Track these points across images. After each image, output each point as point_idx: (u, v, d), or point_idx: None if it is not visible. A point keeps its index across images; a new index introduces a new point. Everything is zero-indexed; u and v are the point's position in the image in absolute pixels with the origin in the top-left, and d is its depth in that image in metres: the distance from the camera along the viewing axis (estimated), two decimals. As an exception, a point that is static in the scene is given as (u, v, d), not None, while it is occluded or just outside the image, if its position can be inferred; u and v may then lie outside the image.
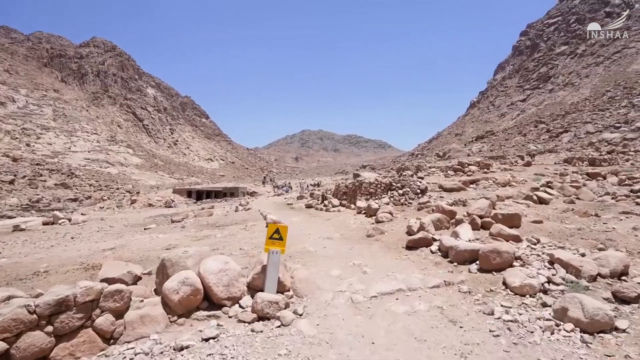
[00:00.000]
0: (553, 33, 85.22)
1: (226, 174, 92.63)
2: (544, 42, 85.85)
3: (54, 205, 23.29)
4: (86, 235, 10.61)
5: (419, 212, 8.83)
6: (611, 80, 58.11)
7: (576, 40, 77.81)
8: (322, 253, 6.49)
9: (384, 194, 11.38)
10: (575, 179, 10.98)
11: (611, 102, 47.65)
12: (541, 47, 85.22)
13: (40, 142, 62.00)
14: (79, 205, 24.70)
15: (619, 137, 24.97)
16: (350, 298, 4.41)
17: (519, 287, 4.20)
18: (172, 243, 7.84)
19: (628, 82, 52.25)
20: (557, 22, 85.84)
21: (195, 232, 9.58)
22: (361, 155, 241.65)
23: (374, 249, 6.62)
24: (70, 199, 26.61)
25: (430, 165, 18.69)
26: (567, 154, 20.51)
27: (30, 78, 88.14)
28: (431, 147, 74.43)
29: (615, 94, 50.03)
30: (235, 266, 4.55)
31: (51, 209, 21.56)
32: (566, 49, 78.68)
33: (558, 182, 10.11)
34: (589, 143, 26.62)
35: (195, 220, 12.23)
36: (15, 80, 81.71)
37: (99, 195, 29.23)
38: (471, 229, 6.46)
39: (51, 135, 67.13)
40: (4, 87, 75.33)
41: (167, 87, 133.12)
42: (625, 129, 33.02)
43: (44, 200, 24.33)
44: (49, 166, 43.22)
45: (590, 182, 10.26)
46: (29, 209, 21.54)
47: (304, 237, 7.98)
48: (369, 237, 7.52)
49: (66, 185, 33.03)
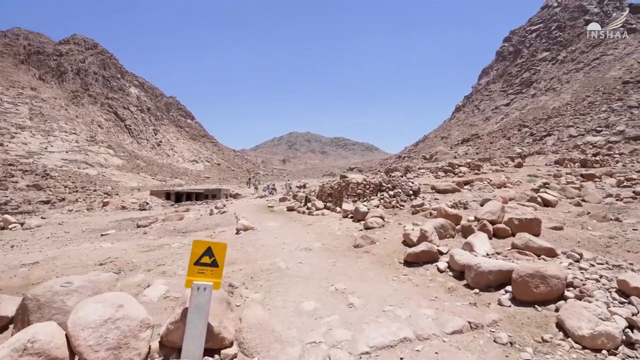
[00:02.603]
0: (535, 39, 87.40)
1: (212, 175, 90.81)
2: (526, 48, 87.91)
3: (23, 208, 21.86)
4: (32, 242, 9.47)
5: (414, 217, 7.93)
6: (591, 86, 59.72)
7: (557, 47, 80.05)
8: (295, 271, 5.15)
9: (373, 195, 10.71)
10: (570, 180, 10.72)
11: (591, 107, 48.83)
12: (524, 53, 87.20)
13: (14, 142, 59.19)
14: (50, 207, 23.29)
15: (603, 140, 25.30)
16: (328, 358, 2.87)
17: (590, 338, 2.80)
18: (114, 255, 6.66)
19: (607, 88, 53.71)
20: (538, 29, 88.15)
21: (152, 240, 8.44)
22: (348, 157, 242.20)
23: (363, 265, 5.35)
24: (42, 201, 25.11)
25: (419, 166, 18.30)
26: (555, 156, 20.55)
27: (6, 75, 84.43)
28: (418, 150, 74.85)
29: (595, 99, 51.32)
30: (137, 311, 2.81)
31: (20, 211, 20.20)
32: (548, 55, 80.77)
33: (555, 184, 9.81)
34: (574, 145, 26.93)
35: (162, 225, 11.22)
36: (-11, 78, 78.14)
37: (74, 198, 27.74)
38: (488, 239, 5.29)
39: (27, 134, 64.24)
40: (-24, 84, 71.89)
41: (151, 87, 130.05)
42: (607, 132, 33.70)
43: (13, 203, 22.83)
44: (23, 167, 41.09)
45: (587, 183, 10.00)
46: (-5, 211, 20.09)
47: (277, 248, 6.71)
48: (357, 248, 6.32)
49: (39, 186, 31.30)
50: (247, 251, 6.56)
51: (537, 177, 11.82)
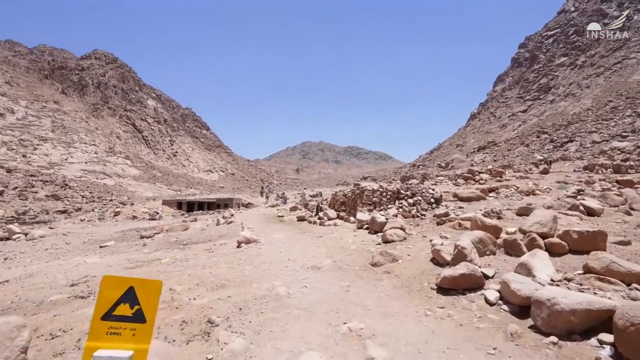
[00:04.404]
0: (552, 45, 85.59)
1: (226, 185, 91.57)
2: (543, 54, 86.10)
3: (40, 218, 22.21)
4: (28, 254, 9.07)
5: (440, 228, 7.02)
6: (613, 91, 57.80)
7: (575, 52, 78.10)
8: (297, 300, 4.16)
9: (390, 203, 10.13)
10: (605, 187, 9.94)
11: (614, 112, 47.14)
12: (540, 59, 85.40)
13: (36, 153, 61.17)
14: (66, 217, 23.59)
15: (631, 146, 24.05)
16: None
17: None
18: (93, 273, 6.04)
19: (630, 92, 51.83)
20: (555, 34, 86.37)
21: (145, 254, 7.89)
22: (362, 166, 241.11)
23: (384, 290, 4.35)
24: (60, 210, 25.50)
25: (437, 173, 17.64)
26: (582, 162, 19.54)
27: (31, 90, 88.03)
28: (432, 158, 73.64)
29: (618, 104, 49.55)
30: None
31: (37, 221, 20.49)
32: (566, 60, 78.82)
33: (590, 191, 9.06)
34: (600, 151, 25.71)
35: (165, 236, 10.81)
36: (15, 92, 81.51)
37: (90, 207, 28.12)
38: (549, 259, 4.21)
39: (48, 146, 66.36)
40: (4, 99, 75.03)
41: (168, 99, 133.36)
42: (634, 137, 32.20)
43: (31, 213, 23.25)
44: (43, 177, 42.21)
45: (625, 190, 9.20)
46: (14, 221, 20.42)
47: (280, 266, 5.81)
48: (375, 267, 5.32)
49: (57, 196, 31.94)
50: (243, 270, 5.76)
51: (568, 184, 11.07)
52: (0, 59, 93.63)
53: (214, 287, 4.83)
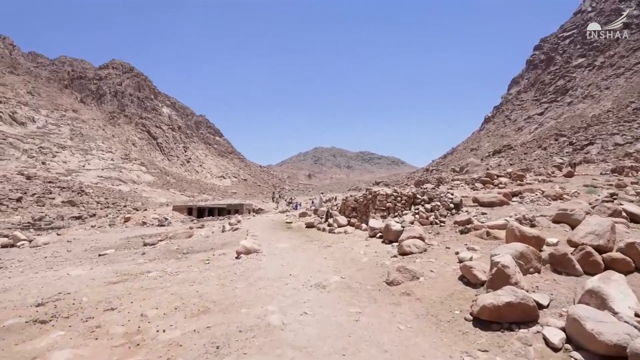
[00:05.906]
0: (568, 46, 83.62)
1: (238, 191, 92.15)
2: (559, 55, 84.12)
3: (56, 224, 22.57)
4: (25, 263, 8.68)
5: (464, 237, 6.18)
6: (634, 91, 55.80)
7: (594, 52, 75.99)
8: (293, 335, 3.32)
9: (405, 209, 9.53)
10: (639, 190, 9.27)
11: (637, 113, 45.45)
12: (557, 60, 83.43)
13: (55, 161, 62.80)
14: (81, 223, 23.90)
15: (658, 148, 22.93)
16: None
17: None
18: (69, 290, 5.42)
19: (654, 93, 49.95)
20: (572, 35, 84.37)
21: (137, 265, 7.40)
22: (374, 172, 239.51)
23: (404, 321, 3.47)
24: (75, 216, 25.90)
25: (453, 177, 17.06)
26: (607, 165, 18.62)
27: (51, 99, 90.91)
28: (446, 163, 72.38)
29: (640, 105, 47.77)
30: None
31: (52, 227, 20.80)
32: (583, 61, 76.76)
33: (625, 194, 8.44)
34: (624, 154, 24.59)
35: (167, 244, 10.43)
36: (36, 102, 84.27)
37: (104, 213, 28.50)
38: (626, 283, 3.22)
39: (67, 153, 68.12)
40: (25, 108, 77.61)
41: (182, 107, 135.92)
42: (659, 139, 30.82)
43: (47, 218, 23.67)
44: (61, 184, 43.17)
45: (663, 193, 8.54)
46: (30, 227, 20.78)
47: (278, 284, 5.05)
48: (392, 286, 4.49)
49: (73, 202, 32.53)
50: (234, 289, 4.93)
51: (597, 188, 10.41)
52: (23, 70, 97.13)
53: (194, 312, 4.12)
